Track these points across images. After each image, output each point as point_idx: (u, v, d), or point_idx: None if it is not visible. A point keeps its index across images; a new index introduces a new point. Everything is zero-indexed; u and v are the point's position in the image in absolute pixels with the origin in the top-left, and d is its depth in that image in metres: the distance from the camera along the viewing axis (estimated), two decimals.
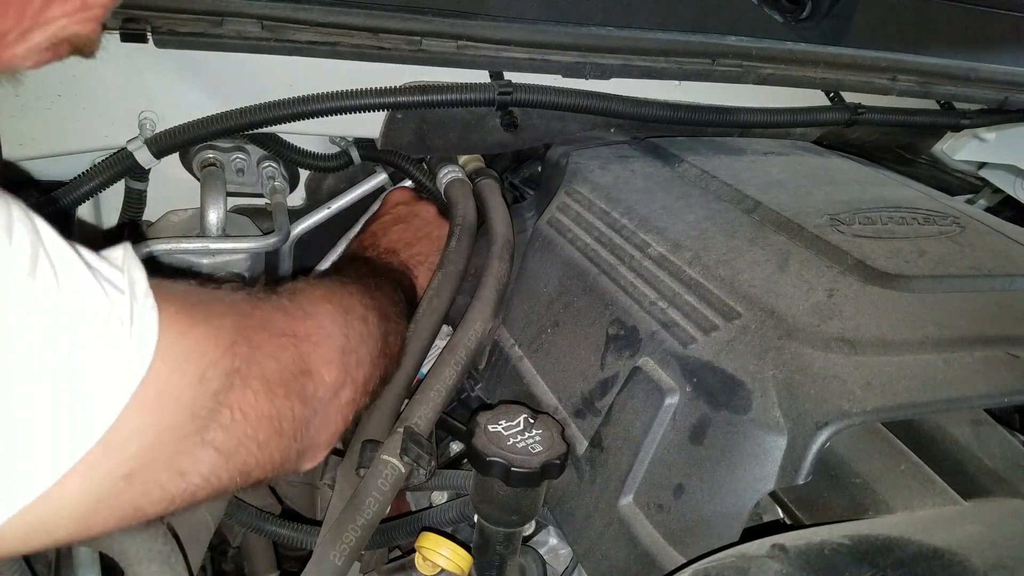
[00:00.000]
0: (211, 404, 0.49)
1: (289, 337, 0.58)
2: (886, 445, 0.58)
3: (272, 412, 0.54)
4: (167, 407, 0.46)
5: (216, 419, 0.50)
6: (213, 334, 0.50)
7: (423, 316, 0.82)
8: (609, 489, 0.65)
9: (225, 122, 0.84)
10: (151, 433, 0.45)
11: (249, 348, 0.53)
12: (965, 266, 0.71)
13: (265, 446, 0.54)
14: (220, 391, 0.49)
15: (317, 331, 0.62)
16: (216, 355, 0.49)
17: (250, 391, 0.52)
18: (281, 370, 0.56)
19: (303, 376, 0.58)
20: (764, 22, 1.02)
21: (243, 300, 0.57)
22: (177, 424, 0.47)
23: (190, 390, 0.47)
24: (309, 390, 0.59)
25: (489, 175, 0.99)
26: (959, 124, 1.17)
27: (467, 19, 0.85)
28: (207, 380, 0.48)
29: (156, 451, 0.46)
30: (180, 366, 0.47)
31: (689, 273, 0.70)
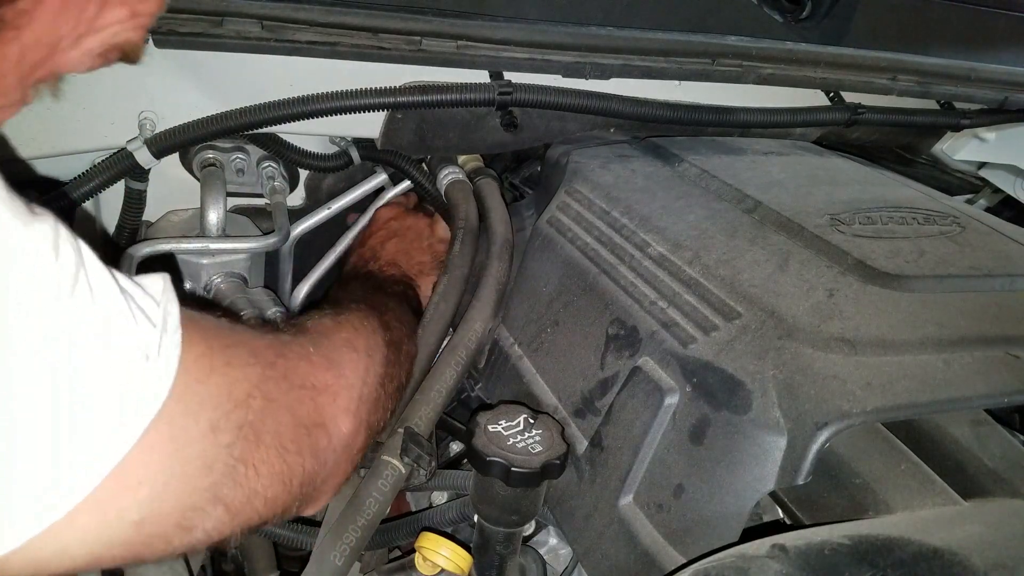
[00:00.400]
0: (225, 458, 0.49)
1: (309, 390, 0.58)
2: (886, 445, 0.58)
3: (283, 469, 0.54)
4: (179, 453, 0.46)
5: (232, 476, 0.49)
6: (230, 384, 0.50)
7: (430, 322, 0.82)
8: (609, 489, 0.65)
9: (225, 122, 0.84)
10: (163, 479, 0.45)
11: (265, 401, 0.52)
12: (965, 266, 0.71)
13: (272, 502, 0.53)
14: (232, 444, 0.49)
15: (338, 381, 0.62)
16: (229, 406, 0.49)
17: (263, 447, 0.52)
18: (295, 424, 0.56)
19: (317, 429, 0.58)
20: (764, 22, 1.01)
21: (269, 347, 0.57)
22: (189, 474, 0.47)
23: (202, 439, 0.47)
24: (322, 444, 0.58)
25: (488, 174, 0.99)
26: (959, 124, 1.17)
27: (467, 19, 0.85)
28: (219, 431, 0.48)
29: (168, 500, 0.46)
30: (193, 411, 0.47)
31: (689, 273, 0.70)
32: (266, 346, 0.57)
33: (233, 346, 0.52)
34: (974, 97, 1.14)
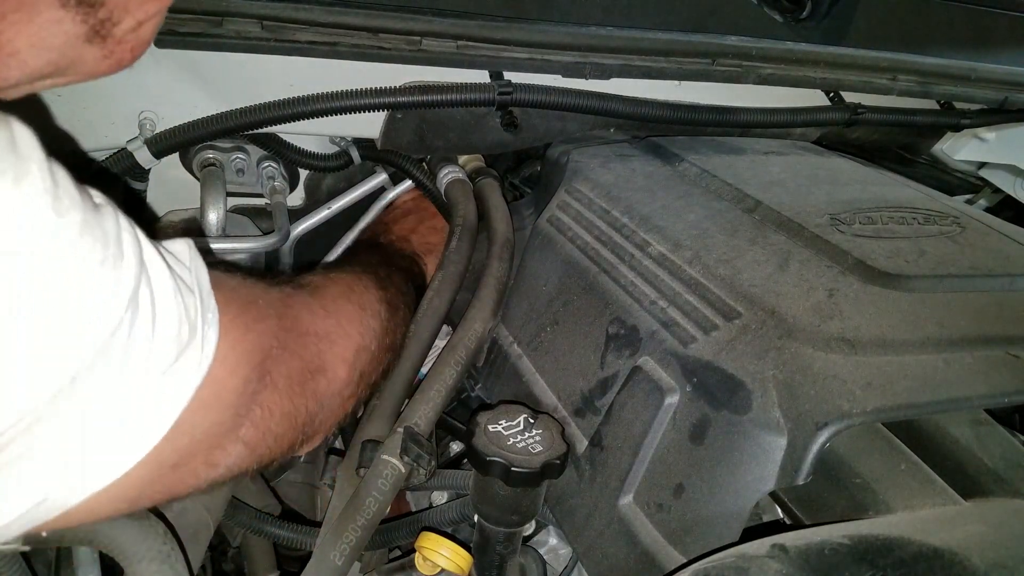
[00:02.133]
0: (250, 404, 0.54)
1: (312, 336, 0.63)
2: (886, 445, 0.58)
3: (291, 409, 0.58)
4: (219, 406, 0.51)
5: (250, 417, 0.54)
6: (259, 339, 0.54)
7: (423, 316, 0.82)
8: (609, 488, 0.65)
9: (225, 122, 0.84)
10: (201, 429, 0.50)
11: (281, 350, 0.57)
12: (965, 266, 0.71)
13: (281, 439, 0.58)
14: (258, 392, 0.54)
15: (336, 329, 0.66)
16: (259, 359, 0.54)
17: (278, 391, 0.57)
18: (302, 368, 0.60)
19: (319, 373, 0.62)
20: (764, 22, 1.01)
21: (279, 300, 0.61)
22: (223, 422, 0.52)
23: (237, 391, 0.52)
24: (322, 387, 0.63)
25: (489, 174, 0.99)
26: (959, 124, 1.17)
27: (467, 19, 0.85)
28: (250, 382, 0.53)
29: (201, 445, 0.51)
30: (234, 370, 0.51)
31: (689, 272, 0.70)
32: (275, 298, 0.61)
33: (253, 302, 0.57)
34: (974, 97, 1.14)
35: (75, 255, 0.40)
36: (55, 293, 0.39)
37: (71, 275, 0.39)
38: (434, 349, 0.85)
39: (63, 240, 0.39)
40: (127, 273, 0.43)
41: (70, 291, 0.39)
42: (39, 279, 0.38)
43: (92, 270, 0.40)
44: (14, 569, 0.65)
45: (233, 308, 0.53)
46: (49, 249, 0.38)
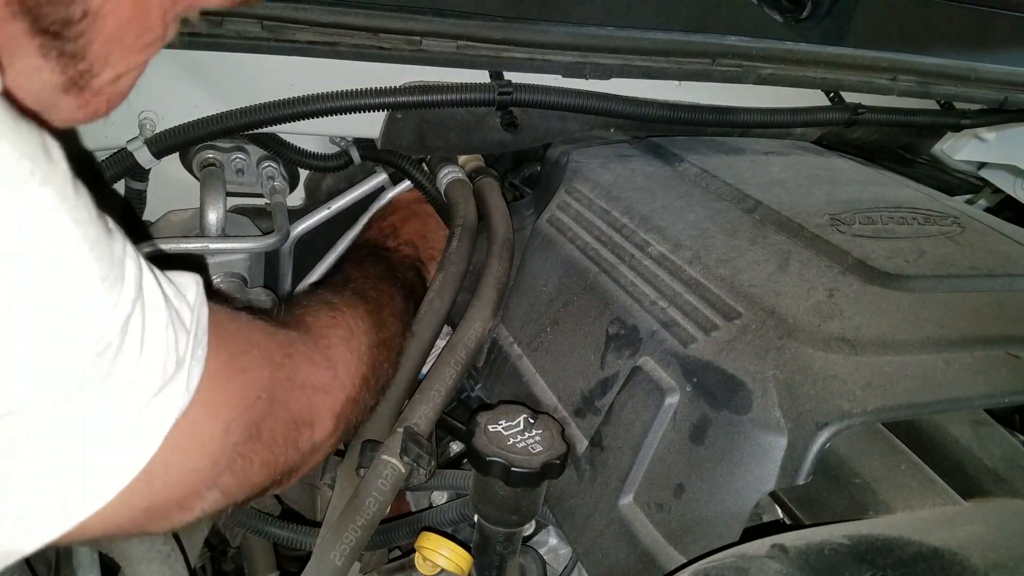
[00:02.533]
0: (230, 454, 0.53)
1: (307, 389, 0.62)
2: (886, 445, 0.58)
3: (271, 460, 0.58)
4: (195, 451, 0.50)
5: (230, 467, 0.53)
6: (245, 388, 0.53)
7: (424, 317, 0.82)
8: (609, 488, 0.65)
9: (225, 122, 0.84)
10: (177, 474, 0.49)
11: (269, 402, 0.56)
12: (965, 266, 0.71)
13: (258, 486, 0.58)
14: (239, 442, 0.53)
15: (333, 382, 0.65)
16: (241, 409, 0.53)
17: (260, 442, 0.56)
18: (288, 420, 0.59)
19: (305, 426, 0.62)
20: (764, 22, 1.01)
21: (279, 348, 0.60)
22: (199, 469, 0.51)
23: (216, 440, 0.51)
24: (305, 439, 0.62)
25: (489, 174, 0.99)
26: (959, 124, 1.17)
27: (467, 19, 0.85)
28: (230, 432, 0.52)
29: (175, 490, 0.50)
30: (212, 414, 0.50)
31: (689, 272, 0.70)
32: (276, 347, 0.60)
33: (249, 350, 0.56)
34: (974, 97, 1.14)
35: (81, 267, 0.39)
36: (55, 300, 0.38)
37: (72, 286, 0.39)
38: (434, 349, 0.85)
39: (73, 249, 0.38)
40: (124, 298, 0.42)
41: (69, 302, 0.39)
42: (42, 282, 0.37)
43: (94, 286, 0.40)
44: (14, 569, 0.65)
45: (224, 353, 0.51)
46: (58, 255, 0.38)
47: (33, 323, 0.37)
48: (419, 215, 1.00)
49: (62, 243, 0.38)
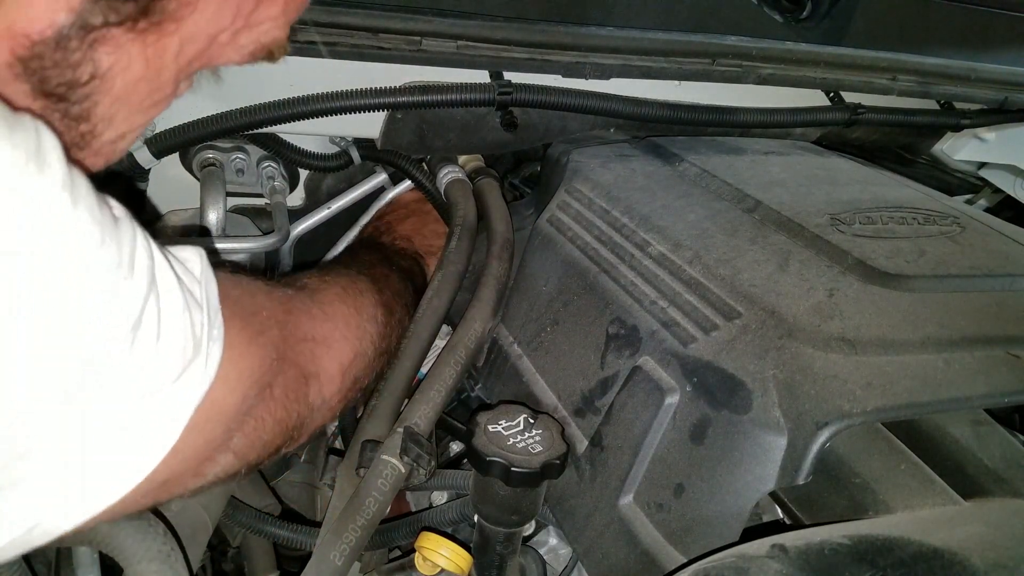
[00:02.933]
0: (244, 418, 0.52)
1: (310, 342, 0.62)
2: (886, 445, 0.58)
3: (283, 417, 0.57)
4: (214, 424, 0.49)
5: (242, 429, 0.53)
6: (260, 353, 0.53)
7: (423, 316, 0.82)
8: (609, 488, 0.65)
9: (225, 122, 0.84)
10: (195, 448, 0.48)
11: (279, 360, 0.56)
12: (965, 266, 0.71)
13: (269, 444, 0.57)
14: (253, 406, 0.53)
15: (333, 333, 0.65)
16: (259, 374, 0.52)
17: (272, 400, 0.55)
18: (298, 375, 0.59)
19: (313, 379, 0.62)
20: (764, 22, 1.01)
21: (280, 306, 0.60)
22: (215, 438, 0.50)
23: (234, 408, 0.51)
24: (315, 393, 0.62)
25: (488, 174, 0.99)
26: (959, 124, 1.17)
27: (467, 19, 0.85)
28: (247, 398, 0.52)
29: (192, 461, 0.49)
30: (234, 388, 0.50)
31: (689, 272, 0.70)
32: (276, 304, 0.59)
33: (257, 312, 0.55)
34: (974, 97, 1.14)
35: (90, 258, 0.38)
36: (65, 294, 0.37)
37: (83, 278, 0.38)
38: (434, 349, 0.85)
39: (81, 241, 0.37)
40: (137, 286, 0.41)
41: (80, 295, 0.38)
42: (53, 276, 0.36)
43: (104, 277, 0.38)
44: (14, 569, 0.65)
45: (237, 322, 0.51)
46: (66, 248, 0.36)
47: (44, 318, 0.36)
48: (416, 213, 1.00)
49: (69, 236, 0.36)
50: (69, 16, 0.36)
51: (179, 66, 0.43)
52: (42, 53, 0.37)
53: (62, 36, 0.37)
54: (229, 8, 0.42)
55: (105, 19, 0.37)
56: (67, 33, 0.37)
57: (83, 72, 0.38)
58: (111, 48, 0.38)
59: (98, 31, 0.37)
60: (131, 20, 0.38)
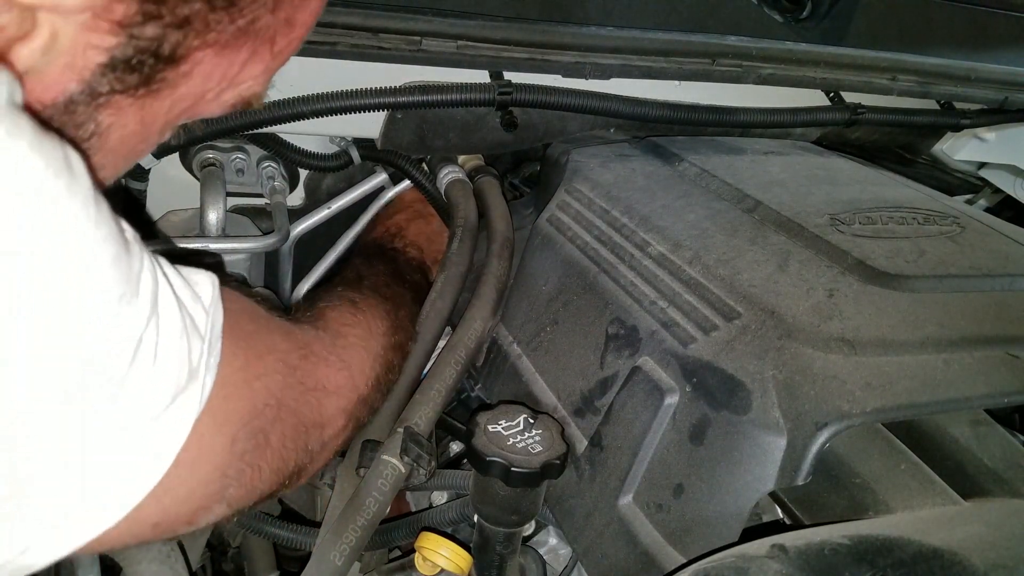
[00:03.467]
0: (238, 464, 0.52)
1: (319, 392, 0.61)
2: (886, 445, 0.58)
3: (281, 466, 0.57)
4: (203, 465, 0.49)
5: (239, 478, 0.52)
6: (255, 396, 0.53)
7: (426, 319, 0.82)
8: (609, 488, 0.65)
9: (225, 122, 0.84)
10: (185, 488, 0.48)
11: (279, 408, 0.55)
12: (965, 266, 0.71)
13: (265, 492, 0.57)
14: (246, 452, 0.52)
15: (346, 384, 0.65)
16: (249, 417, 0.52)
17: (269, 449, 0.55)
18: (298, 424, 0.59)
19: (316, 428, 0.61)
20: (764, 22, 1.01)
21: (295, 349, 0.60)
22: (206, 482, 0.50)
23: (224, 451, 0.50)
24: (314, 440, 0.62)
25: (488, 173, 0.99)
26: (959, 124, 1.17)
27: (467, 19, 0.85)
28: (238, 441, 0.51)
29: (184, 505, 0.49)
30: (220, 425, 0.49)
31: (689, 272, 0.70)
32: (293, 348, 0.59)
33: (265, 355, 0.55)
34: (974, 97, 1.14)
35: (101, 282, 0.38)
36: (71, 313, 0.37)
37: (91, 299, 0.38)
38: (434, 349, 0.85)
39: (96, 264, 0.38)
40: (139, 312, 0.41)
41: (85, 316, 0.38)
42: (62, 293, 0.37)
43: (110, 300, 0.39)
44: None
45: (240, 359, 0.51)
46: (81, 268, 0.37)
47: (50, 327, 0.37)
48: (424, 216, 1.00)
49: (85, 256, 0.37)
50: (79, 85, 0.39)
51: (167, 121, 0.46)
52: (52, 116, 0.39)
53: (71, 102, 0.39)
54: (217, 73, 0.45)
55: (111, 88, 0.40)
56: (76, 99, 0.40)
57: (86, 131, 0.41)
58: (113, 111, 0.42)
59: (103, 97, 0.40)
60: (134, 89, 0.41)
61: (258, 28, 0.44)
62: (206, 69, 0.43)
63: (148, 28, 0.38)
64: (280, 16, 0.45)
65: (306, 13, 0.48)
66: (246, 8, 0.42)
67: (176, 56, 0.41)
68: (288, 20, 0.46)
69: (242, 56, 0.45)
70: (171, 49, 0.40)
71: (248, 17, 0.42)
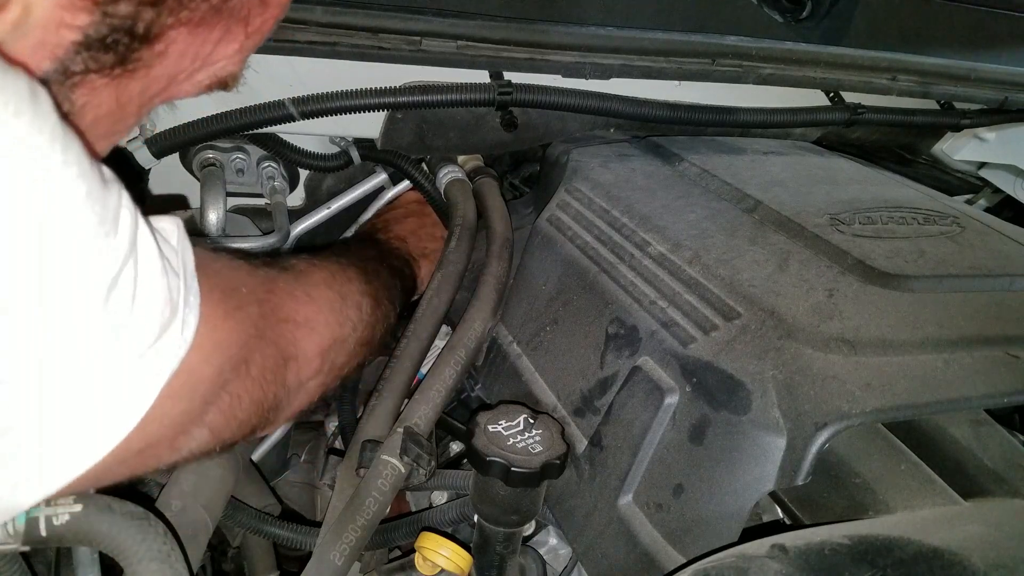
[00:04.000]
0: (220, 393, 0.53)
1: (290, 323, 0.62)
2: (886, 445, 0.58)
3: (260, 397, 0.57)
4: (189, 395, 0.49)
5: (217, 403, 0.53)
6: (237, 327, 0.53)
7: (423, 316, 0.82)
8: (609, 488, 0.65)
9: (225, 122, 0.84)
10: (169, 417, 0.48)
11: (258, 338, 0.56)
12: (965, 266, 0.71)
13: (244, 424, 0.57)
14: (229, 381, 0.53)
15: (315, 316, 0.65)
16: (234, 349, 0.53)
17: (249, 378, 0.56)
18: (276, 355, 0.59)
19: (291, 361, 0.62)
20: (764, 22, 1.01)
21: (262, 284, 0.60)
22: (191, 410, 0.51)
23: (209, 381, 0.51)
24: (292, 375, 0.62)
25: (488, 173, 0.99)
26: (959, 124, 1.17)
27: (467, 19, 0.85)
28: (223, 372, 0.52)
29: (167, 431, 0.50)
30: (207, 357, 0.50)
31: (689, 272, 0.70)
32: (259, 283, 0.60)
33: (236, 287, 0.55)
34: (974, 97, 1.14)
35: (77, 216, 0.38)
36: (49, 248, 0.37)
37: (68, 234, 0.37)
38: (434, 349, 0.85)
39: (70, 197, 0.37)
40: (119, 247, 0.41)
41: (64, 251, 0.37)
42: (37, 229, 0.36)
43: (88, 235, 0.38)
44: (14, 569, 0.65)
45: (216, 294, 0.51)
46: (54, 203, 0.36)
47: (20, 265, 0.36)
48: (415, 214, 1.00)
49: (55, 185, 0.37)
50: (53, 63, 0.39)
51: (142, 102, 0.46)
52: None
53: (44, 81, 0.39)
54: (190, 53, 0.45)
55: (86, 67, 0.40)
56: (49, 78, 0.39)
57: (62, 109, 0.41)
58: (87, 90, 0.41)
59: (77, 76, 0.40)
60: (108, 68, 0.41)
61: (232, 6, 0.44)
62: (179, 48, 0.43)
63: (121, 6, 0.38)
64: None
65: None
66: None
67: (150, 35, 0.41)
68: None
69: (215, 35, 0.45)
70: (145, 27, 0.40)
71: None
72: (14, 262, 0.36)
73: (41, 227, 0.36)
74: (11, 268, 0.36)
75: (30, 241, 0.36)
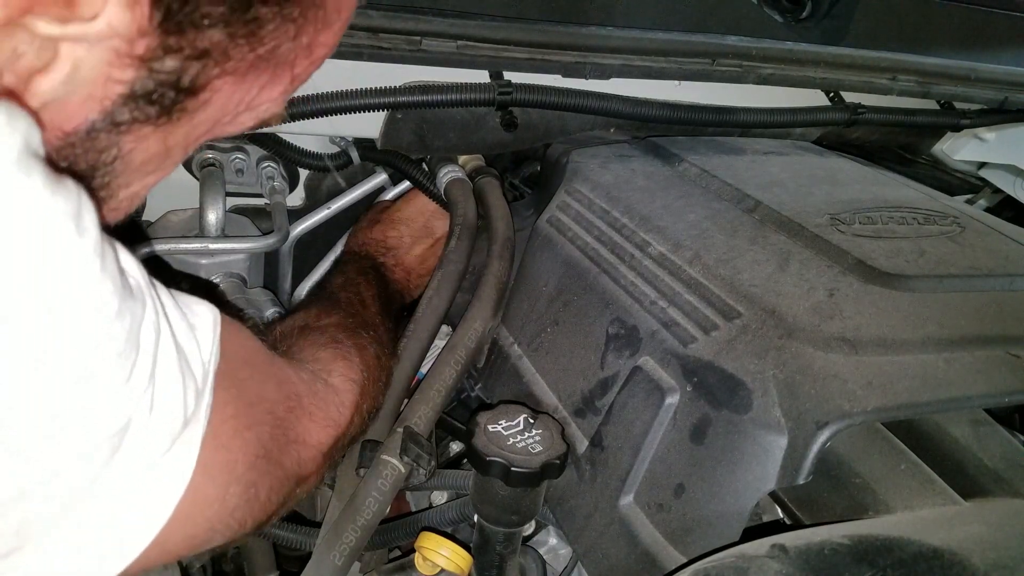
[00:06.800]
0: (227, 519, 0.51)
1: (301, 445, 0.61)
2: (886, 445, 0.58)
3: (261, 517, 0.56)
4: (195, 518, 0.48)
5: (225, 531, 0.52)
6: (246, 447, 0.52)
7: (423, 316, 0.82)
8: (609, 488, 0.65)
9: None
10: (173, 542, 0.47)
11: (267, 461, 0.54)
12: (965, 266, 0.71)
13: (244, 538, 0.56)
14: (236, 507, 0.52)
15: (329, 436, 0.64)
16: (242, 470, 0.51)
17: (257, 504, 0.54)
18: (283, 478, 0.58)
19: (294, 480, 0.60)
20: (764, 22, 1.01)
21: (285, 401, 0.59)
22: (194, 536, 0.49)
23: (214, 505, 0.49)
24: (296, 492, 0.61)
25: (489, 173, 0.99)
26: (959, 124, 1.17)
27: (467, 19, 0.85)
28: (230, 494, 0.50)
29: (170, 555, 0.49)
30: (212, 478, 0.49)
31: (689, 272, 0.70)
32: (282, 399, 0.59)
33: (256, 404, 0.54)
34: (974, 97, 1.14)
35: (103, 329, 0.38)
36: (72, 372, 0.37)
37: (92, 359, 0.38)
38: (434, 349, 0.85)
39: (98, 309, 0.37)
40: (139, 372, 0.40)
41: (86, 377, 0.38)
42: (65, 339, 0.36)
43: (111, 362, 0.39)
44: None
45: (231, 408, 0.50)
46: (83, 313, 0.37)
47: (53, 377, 0.36)
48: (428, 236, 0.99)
49: (91, 301, 0.37)
50: (101, 115, 0.40)
51: (187, 143, 0.46)
52: (74, 143, 0.40)
53: (93, 129, 0.40)
54: (235, 99, 0.45)
55: (132, 118, 0.40)
56: (97, 127, 0.40)
57: (109, 155, 0.42)
58: (134, 137, 0.42)
59: (125, 126, 0.41)
60: (154, 118, 0.41)
61: (279, 55, 0.44)
62: (224, 95, 0.44)
63: (167, 61, 0.39)
64: (302, 41, 0.45)
65: (329, 35, 0.47)
66: (267, 37, 0.41)
67: (195, 86, 0.41)
68: (309, 45, 0.46)
69: (261, 81, 0.45)
70: (191, 80, 0.41)
71: (269, 46, 0.42)
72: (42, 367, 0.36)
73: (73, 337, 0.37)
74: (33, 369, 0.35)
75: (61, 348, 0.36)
